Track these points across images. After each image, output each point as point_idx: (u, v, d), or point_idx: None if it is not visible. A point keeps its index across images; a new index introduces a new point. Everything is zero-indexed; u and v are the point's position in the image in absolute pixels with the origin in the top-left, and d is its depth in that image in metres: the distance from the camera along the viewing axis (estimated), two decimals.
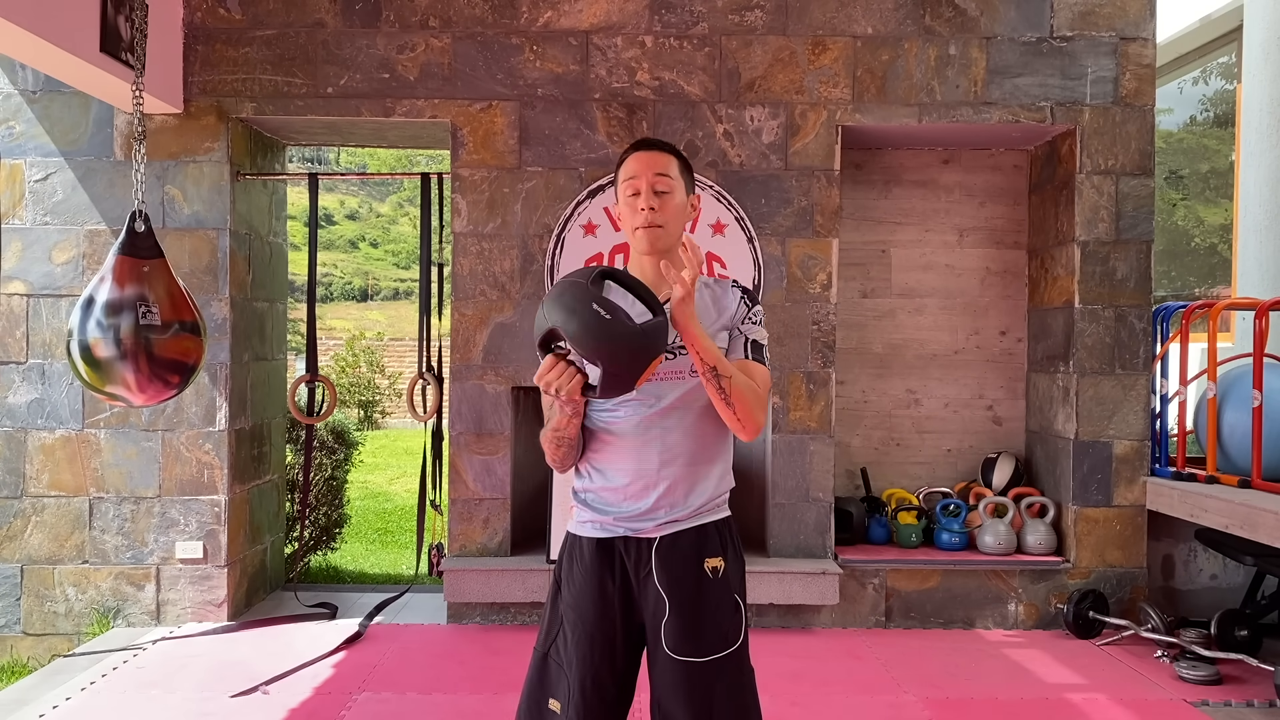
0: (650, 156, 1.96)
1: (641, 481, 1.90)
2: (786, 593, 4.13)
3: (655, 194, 1.93)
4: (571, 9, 4.31)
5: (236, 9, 4.28)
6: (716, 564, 1.92)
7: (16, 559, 4.23)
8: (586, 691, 1.88)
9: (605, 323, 1.67)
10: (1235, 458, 4.00)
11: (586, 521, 1.96)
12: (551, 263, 4.31)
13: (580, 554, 1.95)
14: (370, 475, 8.88)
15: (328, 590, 4.95)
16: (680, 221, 1.97)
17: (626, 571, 1.92)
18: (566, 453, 1.92)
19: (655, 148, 1.98)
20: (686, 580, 1.89)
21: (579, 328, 1.67)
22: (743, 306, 1.99)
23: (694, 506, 1.92)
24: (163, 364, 3.08)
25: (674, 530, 1.91)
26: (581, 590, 1.93)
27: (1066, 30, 4.32)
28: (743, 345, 1.95)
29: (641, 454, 1.90)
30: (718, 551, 1.93)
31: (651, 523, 1.90)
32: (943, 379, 4.85)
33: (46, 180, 4.25)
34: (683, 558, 1.90)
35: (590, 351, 1.68)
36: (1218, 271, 6.05)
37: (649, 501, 1.90)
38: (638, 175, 1.94)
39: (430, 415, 4.49)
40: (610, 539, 1.93)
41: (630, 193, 1.94)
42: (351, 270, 24.84)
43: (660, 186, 1.93)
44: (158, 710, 3.33)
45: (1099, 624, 4.13)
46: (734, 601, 1.92)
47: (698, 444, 1.92)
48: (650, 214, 1.91)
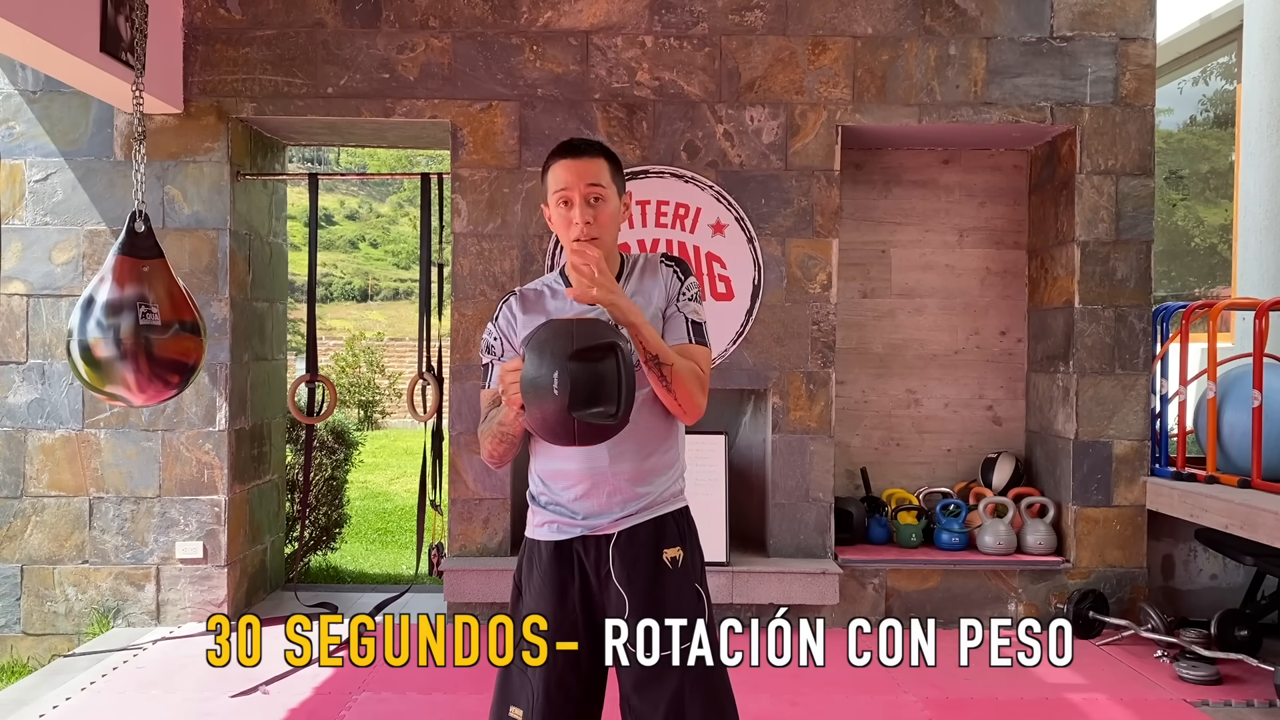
0: (581, 165, 1.89)
1: (592, 479, 1.89)
2: (786, 593, 4.13)
3: (589, 205, 1.88)
4: (571, 9, 4.31)
5: (236, 9, 4.28)
6: (675, 554, 1.90)
7: (16, 559, 4.23)
8: (551, 695, 1.87)
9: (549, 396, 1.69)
10: (1235, 458, 4.00)
11: (543, 524, 1.94)
12: (551, 263, 4.31)
13: (538, 557, 1.93)
14: (370, 475, 8.87)
15: (328, 590, 4.95)
16: (615, 227, 1.94)
17: (586, 571, 1.90)
18: (507, 449, 1.91)
19: (584, 153, 1.90)
20: (645, 574, 1.87)
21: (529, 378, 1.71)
22: (675, 280, 1.95)
23: (649, 499, 1.91)
24: (163, 364, 3.08)
25: (631, 524, 1.89)
26: (540, 593, 1.91)
27: (1066, 30, 4.32)
28: (684, 327, 1.92)
29: (590, 452, 1.88)
30: (675, 541, 1.91)
31: (607, 519, 1.89)
32: (943, 379, 4.85)
33: (46, 180, 4.25)
34: (641, 551, 1.89)
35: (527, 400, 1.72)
36: (1218, 271, 6.05)
37: (602, 499, 1.89)
38: (569, 186, 1.88)
39: (430, 415, 4.49)
40: (568, 540, 1.91)
41: (561, 201, 1.89)
42: (351, 270, 24.84)
43: (594, 195, 1.88)
44: (158, 710, 3.33)
45: (1099, 624, 4.13)
46: (695, 591, 1.91)
47: (646, 436, 1.90)
48: (586, 227, 1.87)
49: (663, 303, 1.94)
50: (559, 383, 1.69)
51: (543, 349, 1.73)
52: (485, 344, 2.01)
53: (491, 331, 2.00)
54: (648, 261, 1.99)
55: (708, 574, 2.01)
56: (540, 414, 1.72)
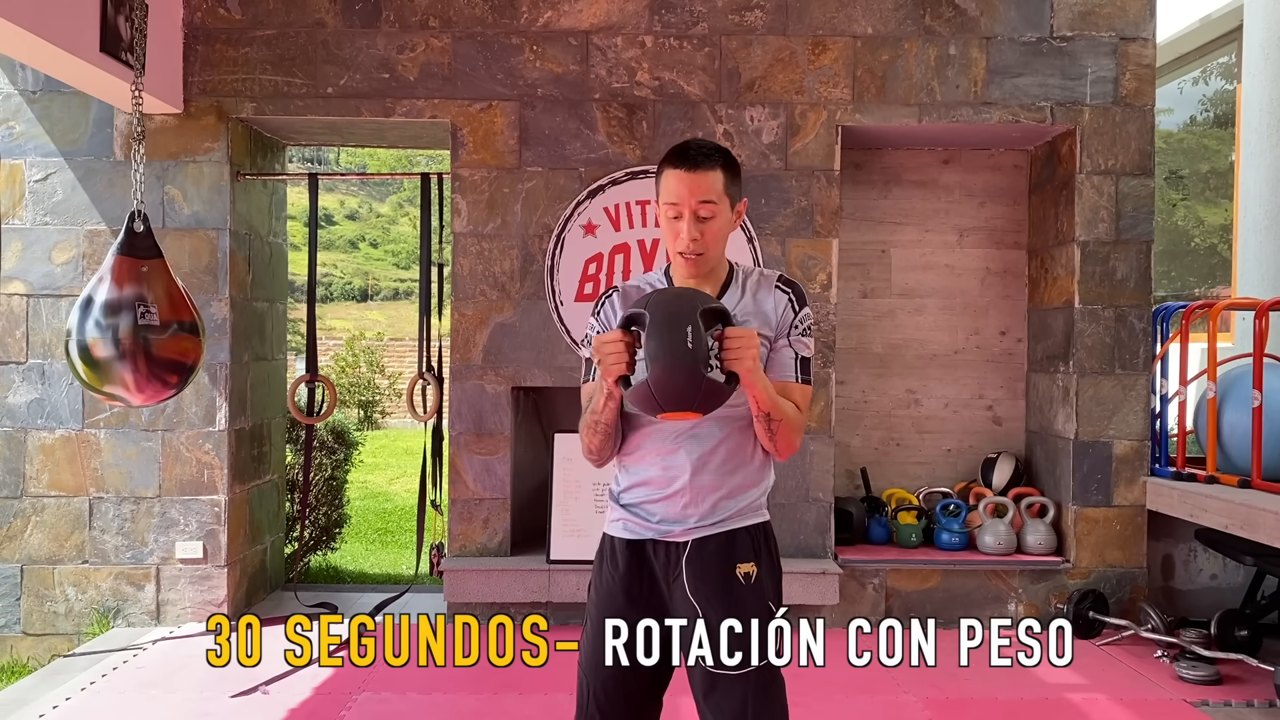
0: (695, 179, 1.82)
1: (670, 488, 1.87)
2: (786, 593, 4.10)
3: (699, 220, 1.83)
4: (571, 9, 4.31)
5: (236, 9, 4.28)
6: (749, 569, 1.87)
7: (16, 559, 4.23)
8: (609, 691, 1.87)
9: (683, 347, 1.63)
10: (1235, 458, 4.00)
11: (618, 520, 1.93)
12: (551, 263, 4.31)
13: (611, 554, 1.93)
14: (370, 475, 8.87)
15: (328, 590, 4.95)
16: (723, 242, 1.89)
17: (655, 573, 1.89)
18: (603, 441, 1.85)
19: (699, 165, 1.82)
20: (717, 587, 1.85)
21: (662, 329, 1.65)
22: (789, 311, 1.89)
23: (724, 514, 1.88)
24: (161, 364, 3.08)
25: (702, 535, 1.87)
26: (610, 589, 1.91)
27: (1066, 30, 4.32)
28: (793, 364, 1.88)
29: (671, 461, 1.87)
30: (749, 556, 1.88)
31: (680, 527, 1.87)
32: (943, 379, 4.85)
33: (46, 180, 4.25)
34: (712, 563, 1.86)
35: (651, 355, 1.65)
36: (1218, 271, 6.05)
37: (677, 508, 1.87)
38: (681, 202, 1.82)
39: (430, 415, 4.49)
40: (640, 540, 1.90)
41: (672, 215, 1.85)
42: (351, 270, 24.85)
43: (704, 213, 1.83)
44: (158, 710, 3.33)
45: (1099, 624, 4.13)
46: (768, 609, 1.87)
47: (731, 455, 1.88)
48: (693, 244, 1.83)
49: (769, 330, 1.88)
50: (693, 336, 1.63)
51: (669, 307, 1.67)
52: (587, 338, 1.94)
53: (594, 326, 1.94)
54: (762, 279, 1.93)
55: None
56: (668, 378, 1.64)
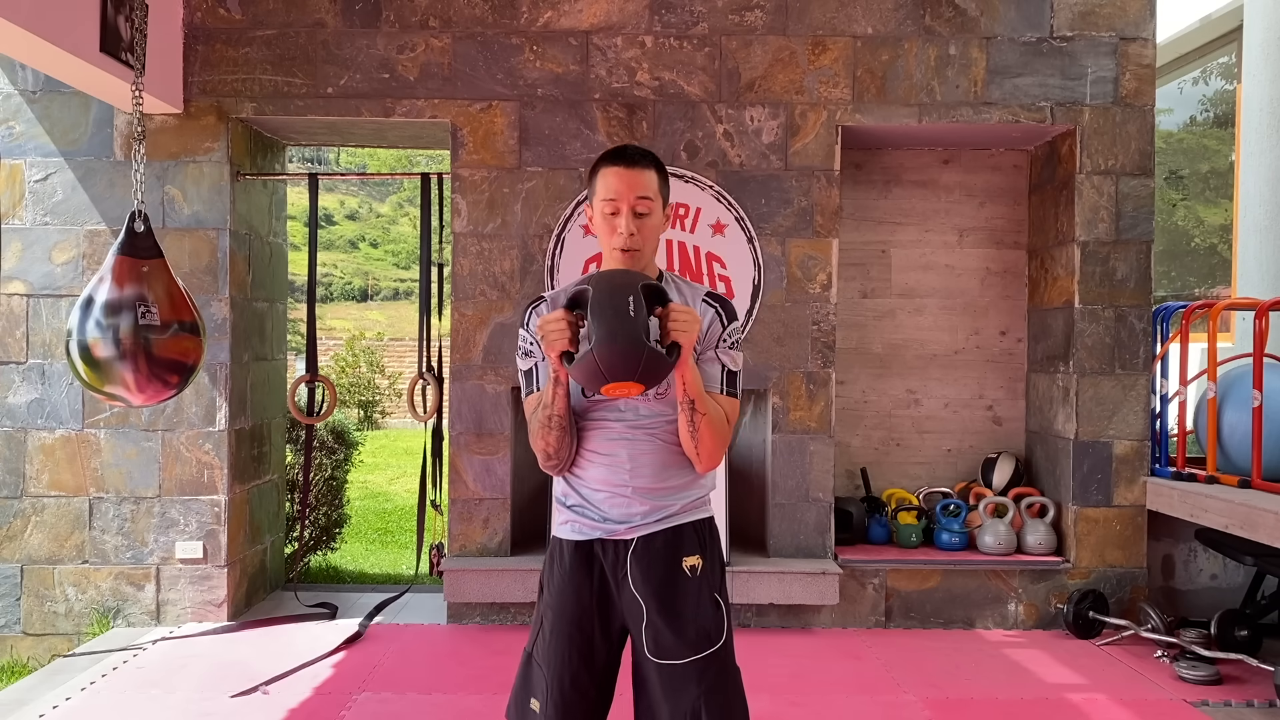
0: (631, 175, 1.88)
1: (610, 491, 1.91)
2: (786, 593, 4.13)
3: (635, 216, 1.88)
4: (571, 9, 4.31)
5: (236, 9, 4.28)
6: (694, 562, 1.91)
7: (16, 559, 4.23)
8: (565, 691, 1.89)
9: (625, 314, 1.66)
10: (1235, 458, 4.00)
11: (565, 523, 1.96)
12: (551, 263, 4.31)
13: (560, 555, 1.95)
14: (370, 475, 8.87)
15: (328, 590, 4.95)
16: (656, 239, 1.94)
17: (604, 572, 1.92)
18: (559, 437, 1.86)
19: (636, 163, 1.90)
20: (664, 581, 1.88)
21: (602, 299, 1.69)
22: (717, 324, 1.92)
23: (667, 513, 1.92)
24: (162, 364, 3.08)
25: (648, 531, 1.91)
26: (560, 591, 1.93)
27: (1066, 30, 4.32)
28: (719, 376, 1.91)
29: (611, 467, 1.90)
30: (695, 550, 1.92)
31: (625, 525, 1.91)
32: (943, 379, 4.85)
33: (46, 180, 4.25)
34: (659, 558, 1.90)
35: (594, 326, 1.68)
36: (1218, 271, 6.05)
37: (620, 510, 1.90)
38: (619, 197, 1.88)
39: (430, 415, 4.49)
40: (588, 541, 1.93)
41: (609, 211, 1.90)
42: (351, 270, 24.84)
43: (641, 209, 1.88)
44: (158, 710, 3.33)
45: (1099, 624, 4.13)
46: (714, 599, 1.91)
47: (667, 456, 1.91)
48: (630, 239, 1.88)
49: (697, 344, 1.89)
50: (634, 305, 1.66)
51: (612, 280, 1.71)
52: (521, 350, 1.96)
53: (525, 338, 1.95)
54: (691, 291, 1.96)
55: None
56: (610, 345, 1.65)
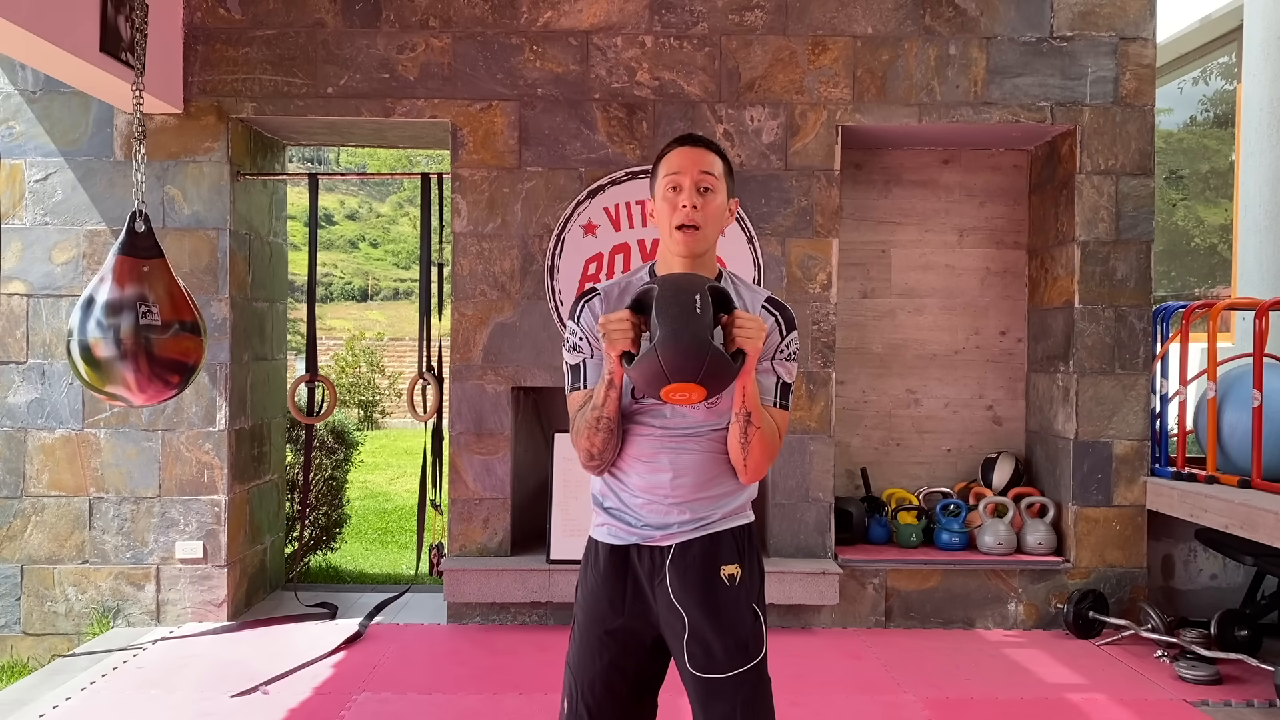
0: (696, 153, 1.86)
1: (650, 497, 1.87)
2: (786, 593, 4.13)
3: (699, 192, 1.84)
4: (571, 9, 4.31)
5: (236, 9, 4.28)
6: (733, 571, 1.87)
7: (16, 559, 4.23)
8: (595, 695, 1.87)
9: (691, 311, 1.65)
10: (1235, 458, 4.00)
11: (601, 525, 1.94)
12: (551, 263, 4.31)
13: (595, 558, 1.93)
14: (370, 475, 8.87)
15: (328, 590, 4.95)
16: (718, 226, 1.89)
17: (639, 578, 1.89)
18: (606, 439, 1.82)
19: (702, 144, 1.89)
20: (701, 590, 1.85)
21: (668, 297, 1.67)
22: (776, 334, 1.88)
23: (706, 520, 1.88)
24: (163, 364, 3.08)
25: (686, 539, 1.87)
26: (594, 594, 1.91)
27: (1066, 30, 4.32)
28: (774, 387, 1.86)
29: (652, 474, 1.87)
30: (733, 559, 1.88)
31: (662, 531, 1.87)
32: (943, 379, 4.85)
33: (46, 180, 4.25)
34: (695, 566, 1.86)
35: (659, 323, 1.66)
36: (1218, 271, 6.05)
37: (659, 517, 1.87)
38: (682, 171, 1.84)
39: (430, 415, 4.49)
40: (624, 545, 1.90)
41: (670, 187, 1.85)
42: (351, 270, 24.84)
43: (705, 184, 1.84)
44: (158, 710, 3.33)
45: (1099, 624, 4.13)
46: (753, 610, 1.88)
47: (712, 465, 1.87)
48: (691, 213, 1.82)
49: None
50: (701, 304, 1.64)
51: (679, 280, 1.71)
52: (570, 344, 1.90)
53: (576, 331, 1.89)
54: (751, 294, 1.93)
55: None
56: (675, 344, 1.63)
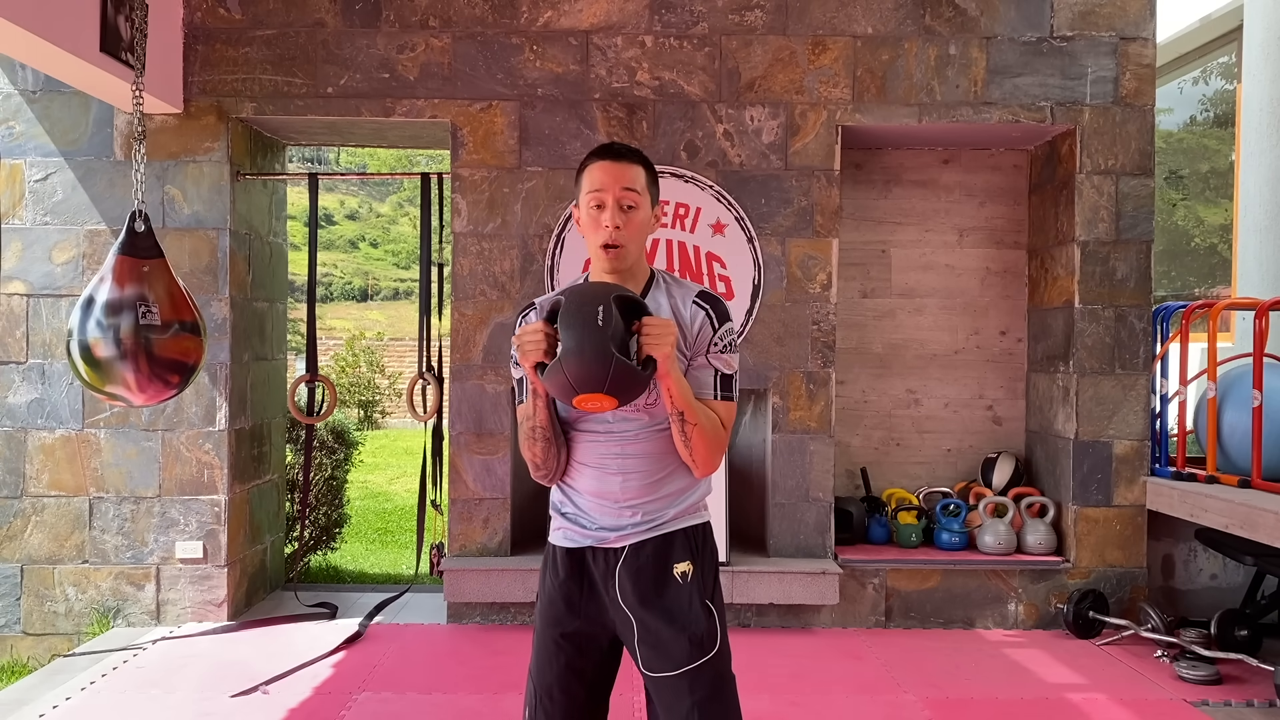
0: (619, 169, 1.84)
1: (600, 500, 1.89)
2: (786, 593, 4.13)
3: (621, 210, 1.83)
4: (571, 9, 4.31)
5: (236, 9, 4.28)
6: (685, 569, 1.87)
7: (16, 559, 4.23)
8: (554, 696, 1.89)
9: (593, 324, 1.65)
10: (1235, 458, 4.00)
11: (559, 530, 1.95)
12: (551, 263, 4.31)
13: (553, 563, 1.94)
14: (370, 475, 8.87)
15: (328, 590, 4.95)
16: (642, 238, 1.89)
17: (594, 580, 1.90)
18: (545, 448, 1.85)
19: (623, 157, 1.86)
20: (653, 590, 1.86)
21: (572, 310, 1.68)
22: (708, 328, 1.86)
23: (659, 520, 1.89)
24: (162, 364, 3.08)
25: (638, 539, 1.88)
26: (550, 597, 1.92)
27: (1066, 30, 4.32)
28: (712, 380, 1.86)
29: (601, 478, 1.88)
30: (685, 556, 1.88)
31: (616, 533, 1.89)
32: (943, 379, 4.85)
33: (46, 180, 4.25)
34: (648, 566, 1.87)
35: (562, 336, 1.68)
36: (1218, 271, 6.05)
37: (611, 519, 1.89)
38: (604, 189, 1.83)
39: (430, 415, 4.49)
40: (579, 548, 1.91)
41: (595, 204, 1.85)
42: (351, 270, 24.83)
43: (627, 201, 1.83)
44: (158, 710, 3.33)
45: (1099, 624, 4.13)
46: (705, 606, 1.87)
47: (659, 466, 1.88)
48: (614, 233, 1.83)
49: (689, 344, 1.87)
50: (604, 315, 1.65)
51: (585, 291, 1.72)
52: (513, 358, 1.90)
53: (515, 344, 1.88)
54: (683, 291, 1.91)
55: None
56: (578, 356, 1.65)
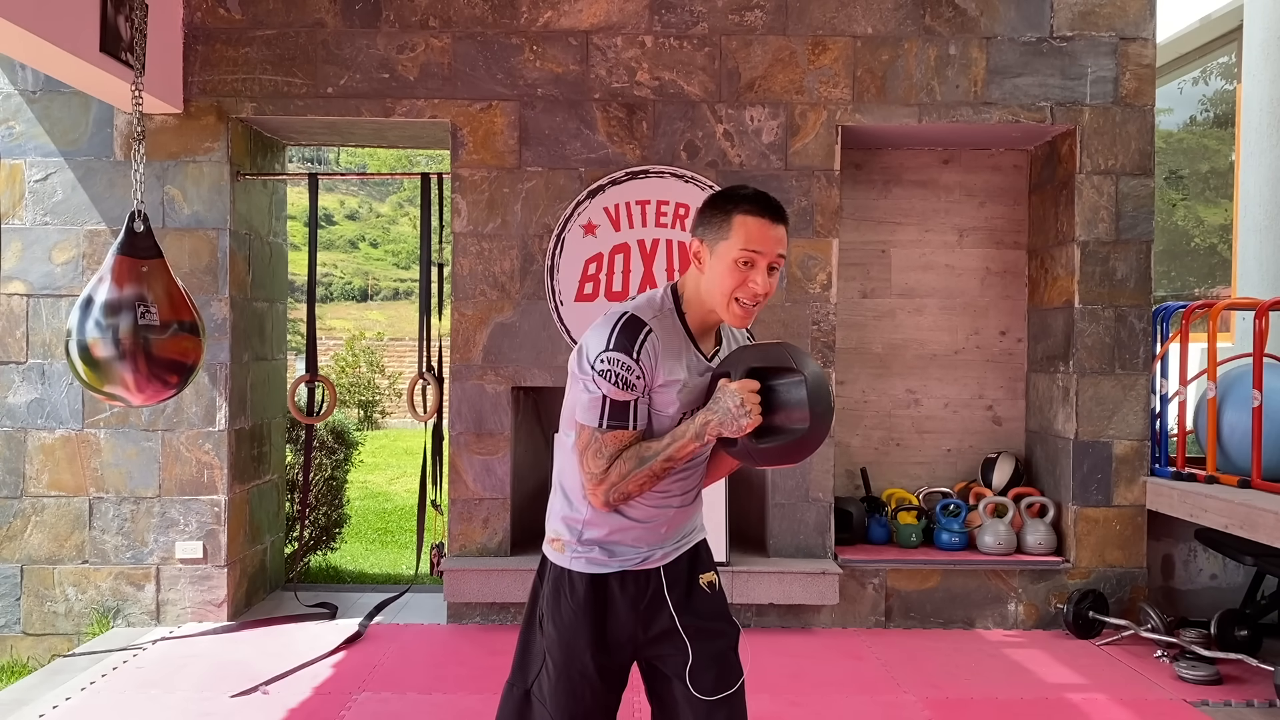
0: (778, 232, 1.78)
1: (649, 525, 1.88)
2: (786, 593, 4.13)
3: (769, 274, 1.79)
4: (571, 9, 4.31)
5: (236, 9, 4.28)
6: (711, 579, 1.91)
7: (16, 559, 4.23)
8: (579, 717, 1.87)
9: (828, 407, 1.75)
10: (1235, 458, 4.00)
11: (581, 557, 1.87)
12: (551, 263, 4.31)
13: (572, 590, 1.86)
14: (370, 475, 8.88)
15: (328, 590, 4.95)
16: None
17: (627, 604, 1.87)
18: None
19: (781, 220, 1.80)
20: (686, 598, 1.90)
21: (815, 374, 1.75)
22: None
23: (687, 532, 1.96)
24: (161, 364, 3.08)
25: (675, 556, 1.93)
26: (573, 628, 1.85)
27: (1066, 30, 4.32)
28: None
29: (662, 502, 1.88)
30: (709, 567, 1.94)
31: (659, 551, 1.90)
32: (943, 379, 4.85)
33: (46, 180, 4.25)
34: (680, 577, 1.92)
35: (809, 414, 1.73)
36: (1218, 271, 6.05)
37: (659, 535, 1.90)
38: (762, 251, 1.76)
39: (430, 415, 4.49)
40: (606, 574, 1.87)
41: (744, 261, 1.76)
42: (351, 270, 24.84)
43: (777, 265, 1.80)
44: (158, 710, 3.33)
45: (1099, 624, 4.13)
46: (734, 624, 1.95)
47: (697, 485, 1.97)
48: (760, 296, 1.78)
49: None
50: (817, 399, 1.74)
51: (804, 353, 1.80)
52: (619, 379, 1.75)
53: (632, 369, 1.75)
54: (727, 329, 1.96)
55: None
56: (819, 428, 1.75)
